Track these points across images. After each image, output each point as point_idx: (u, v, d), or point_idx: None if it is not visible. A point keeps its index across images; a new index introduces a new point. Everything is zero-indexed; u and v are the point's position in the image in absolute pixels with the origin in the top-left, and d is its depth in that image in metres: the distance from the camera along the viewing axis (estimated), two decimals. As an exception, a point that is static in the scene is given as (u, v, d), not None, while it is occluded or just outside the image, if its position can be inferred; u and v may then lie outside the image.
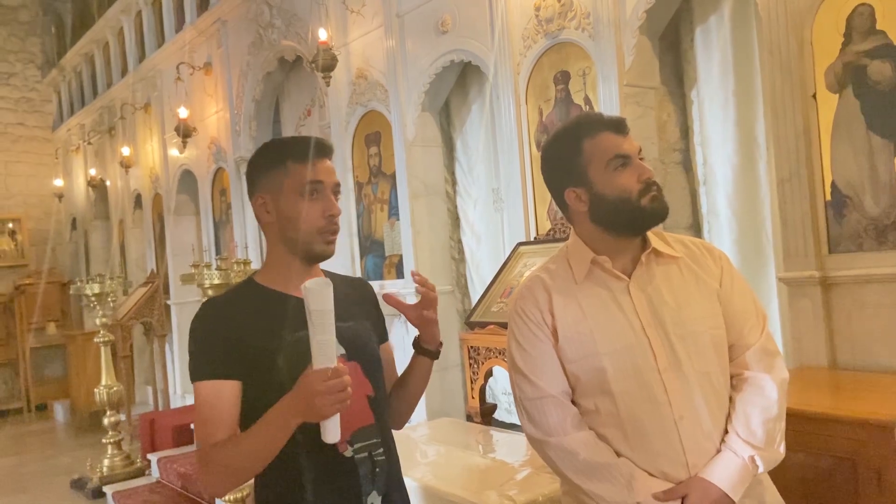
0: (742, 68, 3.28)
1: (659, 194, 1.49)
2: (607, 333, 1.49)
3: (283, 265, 1.47)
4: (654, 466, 1.45)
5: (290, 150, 1.46)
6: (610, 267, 1.52)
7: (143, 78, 7.61)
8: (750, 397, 1.49)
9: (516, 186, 3.76)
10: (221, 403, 1.37)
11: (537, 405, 1.51)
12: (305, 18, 5.10)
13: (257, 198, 1.47)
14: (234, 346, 1.38)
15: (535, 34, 3.61)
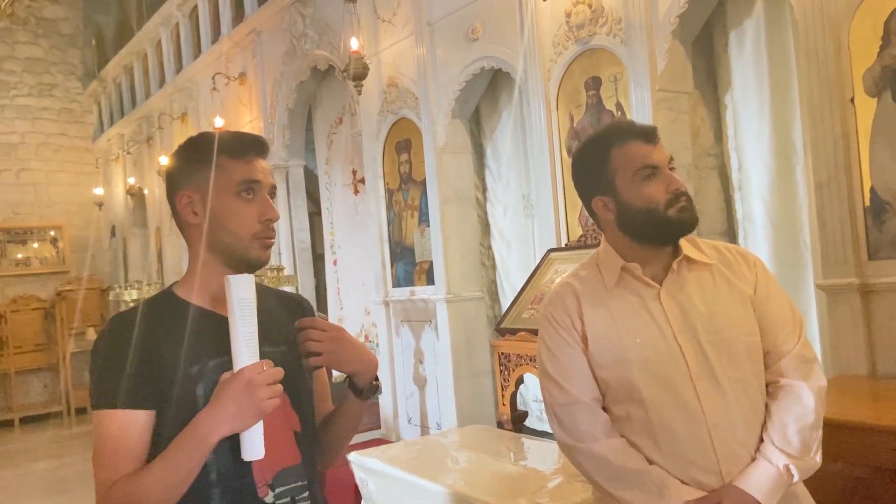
0: (777, 72, 3.23)
1: (688, 205, 1.48)
2: (637, 340, 1.48)
3: (208, 275, 1.28)
4: (686, 474, 1.44)
5: (224, 144, 1.28)
6: (640, 274, 1.52)
7: (180, 88, 7.76)
8: (786, 405, 1.47)
9: (547, 193, 3.75)
10: (129, 437, 1.17)
11: (568, 411, 1.51)
12: (338, 28, 5.16)
13: (182, 195, 1.28)
14: (147, 370, 1.19)
15: (565, 40, 3.60)
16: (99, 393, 1.21)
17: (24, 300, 9.71)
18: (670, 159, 1.51)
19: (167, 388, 1.19)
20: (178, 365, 1.20)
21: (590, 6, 3.45)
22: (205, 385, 1.20)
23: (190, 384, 1.20)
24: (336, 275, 6.04)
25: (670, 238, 1.51)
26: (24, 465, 6.90)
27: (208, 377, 1.21)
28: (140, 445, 1.18)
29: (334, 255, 6.07)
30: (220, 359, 1.22)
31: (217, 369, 1.21)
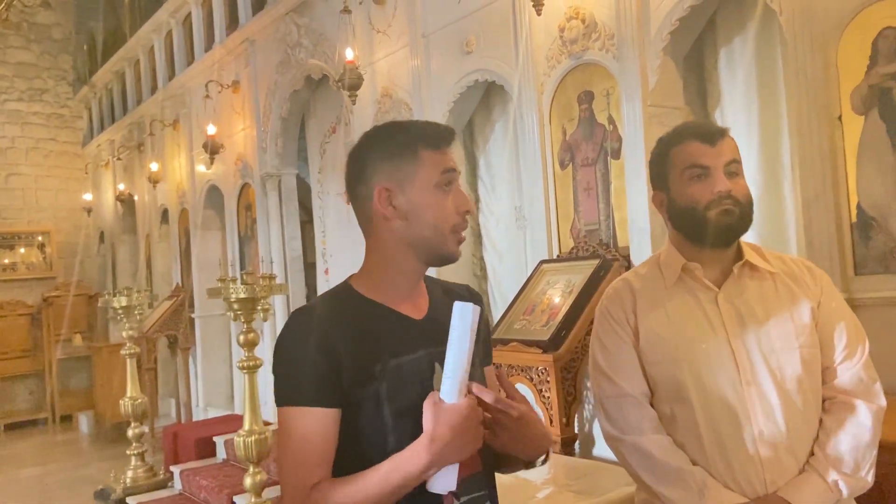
0: (766, 89, 3.28)
1: (733, 208, 1.46)
2: (690, 341, 1.49)
3: (394, 270, 1.24)
4: (730, 479, 1.44)
5: (423, 135, 1.23)
6: (700, 275, 1.52)
7: (173, 95, 7.76)
8: (841, 421, 1.46)
9: (539, 205, 3.78)
10: (320, 437, 1.15)
11: (616, 404, 1.53)
12: (332, 38, 5.19)
13: (380, 189, 1.21)
14: (333, 367, 1.15)
15: (559, 55, 3.65)
16: (287, 389, 1.17)
17: (11, 306, 9.63)
18: (730, 162, 1.48)
19: (351, 385, 1.15)
20: (362, 363, 1.16)
21: (583, 21, 3.50)
22: (387, 384, 1.17)
23: (373, 382, 1.16)
24: (328, 284, 6.04)
25: (711, 240, 1.49)
26: (8, 472, 6.84)
27: (389, 376, 1.17)
28: (330, 448, 1.16)
29: (326, 263, 6.07)
30: (401, 358, 1.19)
31: (397, 369, 1.18)
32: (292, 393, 1.16)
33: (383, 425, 1.16)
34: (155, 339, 7.22)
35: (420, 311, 1.27)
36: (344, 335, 1.17)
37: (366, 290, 1.25)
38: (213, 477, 4.71)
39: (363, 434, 1.16)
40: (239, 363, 3.37)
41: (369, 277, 1.26)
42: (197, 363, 7.42)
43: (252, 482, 3.44)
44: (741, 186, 1.49)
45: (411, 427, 1.16)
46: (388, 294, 1.24)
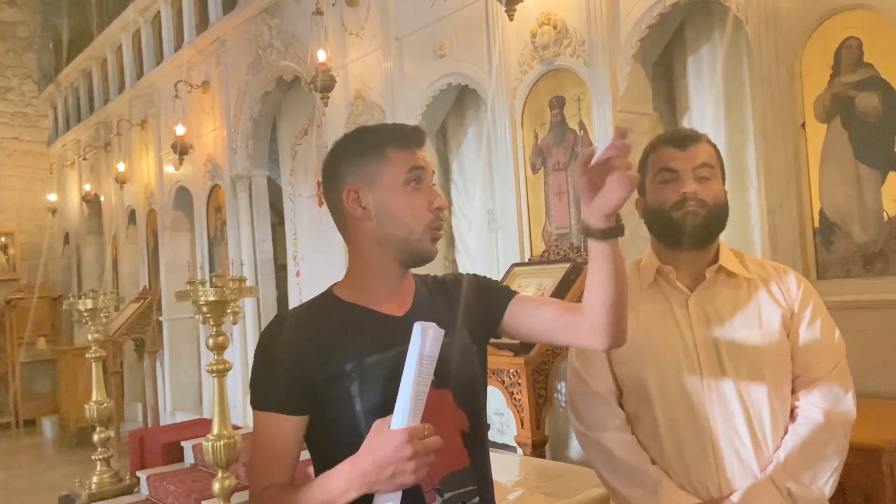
0: (733, 97, 3.35)
1: (699, 210, 1.48)
2: (657, 343, 1.51)
3: (375, 272, 1.24)
4: (686, 480, 1.47)
5: (390, 135, 1.24)
6: (674, 279, 1.54)
7: (141, 95, 7.65)
8: (804, 431, 1.46)
9: (511, 208, 3.81)
10: (281, 442, 1.19)
11: (584, 401, 1.58)
12: (304, 40, 5.17)
13: (347, 190, 1.22)
14: (300, 374, 1.17)
15: (531, 60, 3.68)
16: (259, 394, 1.21)
17: (-28, 308, 9.41)
18: (701, 166, 1.50)
19: (321, 387, 1.17)
20: (331, 363, 1.17)
21: (555, 27, 3.53)
22: (359, 382, 1.16)
23: (344, 381, 1.16)
24: (299, 286, 6.00)
25: (677, 241, 1.52)
26: (-32, 478, 6.67)
27: (364, 374, 1.17)
28: (293, 451, 1.20)
29: (297, 266, 6.03)
30: (376, 355, 1.18)
31: (374, 367, 1.17)
32: (261, 398, 1.21)
33: (358, 425, 1.15)
34: (121, 342, 7.10)
35: (402, 309, 1.27)
36: (311, 340, 1.19)
37: (345, 293, 1.26)
38: (180, 482, 4.64)
39: (338, 434, 1.17)
40: (208, 367, 3.33)
41: (351, 281, 1.27)
42: (165, 367, 7.32)
43: (221, 487, 3.40)
44: (710, 190, 1.50)
45: None
46: (368, 295, 1.24)
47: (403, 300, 1.28)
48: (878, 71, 2.57)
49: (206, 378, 6.40)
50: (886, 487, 1.98)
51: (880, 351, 2.50)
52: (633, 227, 3.34)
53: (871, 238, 2.60)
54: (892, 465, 2.00)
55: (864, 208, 2.60)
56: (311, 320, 1.22)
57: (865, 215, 2.60)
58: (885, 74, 2.55)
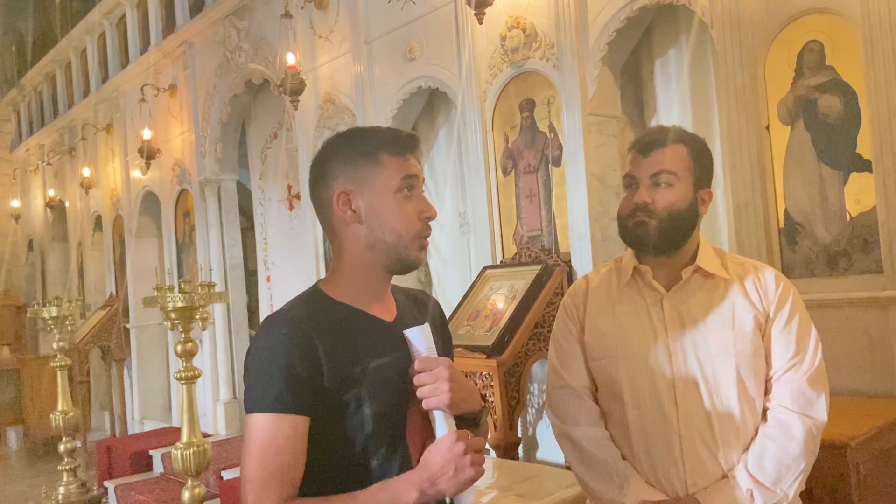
0: (699, 99, 3.40)
1: (648, 220, 1.49)
2: (630, 341, 1.53)
3: (361, 275, 1.24)
4: (653, 477, 1.49)
5: (384, 140, 1.23)
6: (650, 279, 1.55)
7: (106, 99, 7.53)
8: (772, 433, 1.47)
9: (483, 211, 3.81)
10: (292, 446, 1.12)
11: (559, 394, 1.60)
12: (273, 42, 5.13)
13: (339, 192, 1.21)
14: (313, 373, 1.13)
15: (500, 63, 3.69)
16: (259, 395, 1.14)
17: (-68, 317, 9.17)
18: (659, 172, 1.50)
19: (332, 389, 1.14)
20: (343, 366, 1.15)
21: (524, 31, 3.55)
22: (367, 386, 1.16)
23: (354, 385, 1.15)
24: (269, 291, 5.95)
25: (636, 248, 1.55)
26: (-72, 493, 6.48)
27: (370, 378, 1.16)
28: (300, 455, 1.13)
29: (268, 271, 5.98)
30: (379, 360, 1.18)
31: (379, 370, 1.17)
32: (267, 399, 1.13)
33: (364, 429, 1.15)
34: (87, 350, 6.96)
35: (391, 314, 1.28)
36: (323, 338, 1.15)
37: (336, 293, 1.23)
38: (149, 492, 4.58)
39: (343, 438, 1.15)
40: (176, 374, 3.27)
41: (338, 281, 1.25)
42: (132, 374, 7.20)
43: (191, 496, 3.35)
44: (664, 198, 1.49)
45: (391, 430, 1.18)
46: (358, 297, 1.23)
47: (389, 306, 1.29)
48: (839, 74, 2.62)
49: (174, 385, 6.30)
50: (852, 483, 2.01)
51: (843, 349, 2.55)
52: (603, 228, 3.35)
53: (835, 238, 2.65)
54: (858, 462, 2.03)
55: (827, 208, 2.66)
56: (315, 320, 1.17)
57: (829, 215, 2.65)
58: (847, 77, 2.60)
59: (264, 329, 1.19)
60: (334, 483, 1.15)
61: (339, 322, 1.19)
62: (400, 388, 1.20)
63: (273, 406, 1.12)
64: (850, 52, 2.59)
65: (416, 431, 1.22)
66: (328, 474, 1.16)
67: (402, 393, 1.20)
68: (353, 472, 1.17)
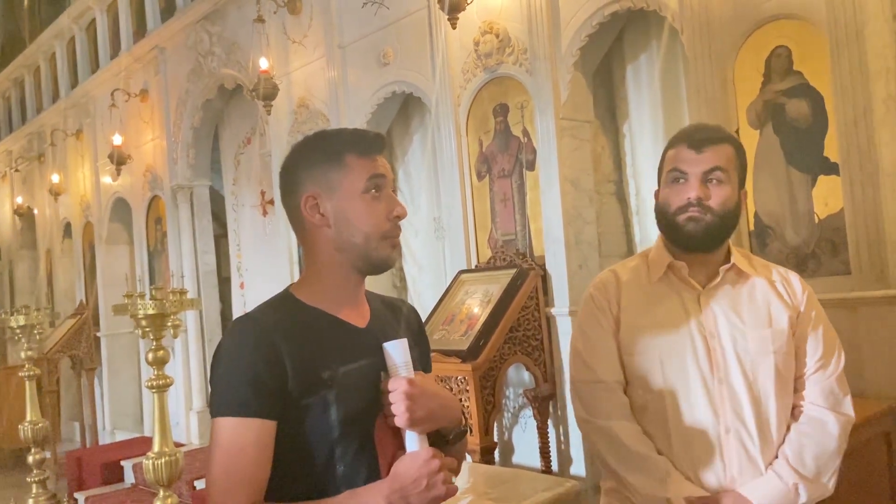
0: (670, 104, 3.44)
1: (701, 216, 1.49)
2: (668, 336, 1.53)
3: (334, 278, 1.23)
4: (692, 472, 1.48)
5: (349, 141, 1.24)
6: (685, 274, 1.55)
7: (76, 104, 7.42)
8: (808, 429, 1.51)
9: (457, 216, 3.82)
10: (257, 450, 1.10)
11: (590, 388, 1.57)
12: (246, 47, 5.10)
13: (306, 197, 1.22)
14: (280, 377, 1.12)
15: (474, 68, 3.71)
16: (225, 399, 1.11)
17: None
18: (713, 169, 1.50)
19: (299, 393, 1.13)
20: (310, 370, 1.14)
21: (497, 36, 3.57)
22: (335, 391, 1.15)
23: (322, 390, 1.14)
24: (243, 298, 5.89)
25: (681, 245, 1.54)
26: None
27: (339, 383, 1.16)
28: (265, 459, 1.11)
29: (241, 278, 5.92)
30: (349, 365, 1.18)
31: (347, 376, 1.17)
32: (232, 403, 1.11)
33: (330, 434, 1.14)
34: (57, 359, 6.83)
35: (363, 320, 1.27)
36: (290, 343, 1.15)
37: (307, 297, 1.23)
38: (120, 503, 4.49)
39: (309, 443, 1.14)
40: (148, 382, 3.22)
41: (309, 285, 1.25)
42: (103, 384, 7.08)
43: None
44: (719, 195, 1.51)
45: (358, 438, 1.17)
46: (330, 301, 1.23)
47: (362, 311, 1.28)
48: (806, 79, 2.67)
49: (146, 395, 6.21)
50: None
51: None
52: (577, 232, 3.36)
53: (804, 240, 2.69)
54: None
55: (795, 211, 2.70)
56: (283, 324, 1.17)
57: (797, 218, 2.69)
58: (814, 82, 2.65)
59: (231, 332, 1.18)
60: (299, 488, 1.14)
61: (308, 326, 1.19)
62: (370, 395, 1.19)
63: (238, 410, 1.11)
64: (817, 57, 2.64)
65: (385, 440, 1.20)
66: (293, 479, 1.15)
67: (372, 400, 1.19)
68: (319, 477, 1.16)
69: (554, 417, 3.43)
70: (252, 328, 1.16)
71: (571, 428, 3.35)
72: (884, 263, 2.48)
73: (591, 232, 3.46)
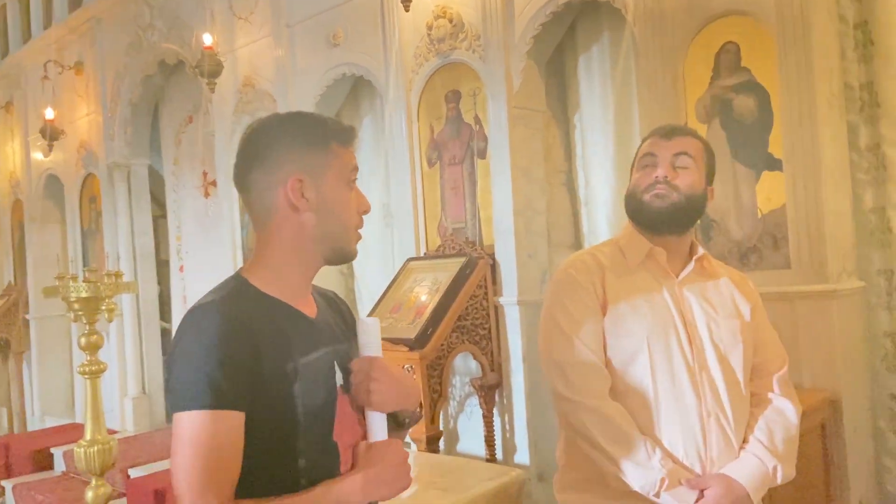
0: (620, 96, 3.45)
1: (667, 193, 1.55)
2: (651, 321, 1.56)
3: (294, 265, 1.19)
4: (677, 453, 1.51)
5: (332, 128, 1.20)
6: (664, 261, 1.60)
7: (6, 75, 7.07)
8: (773, 416, 1.59)
9: (407, 202, 3.77)
10: (232, 443, 1.06)
11: (578, 369, 1.55)
12: (189, 22, 4.91)
13: (293, 179, 1.16)
14: (248, 367, 1.08)
15: (427, 52, 3.65)
16: (191, 392, 1.05)
17: None
18: (680, 154, 1.59)
19: (266, 385, 1.09)
20: (277, 361, 1.11)
21: (450, 21, 3.52)
22: (300, 384, 1.12)
23: (286, 382, 1.11)
24: (183, 282, 5.72)
25: (646, 223, 1.59)
26: None
27: (302, 374, 1.13)
28: (238, 453, 1.07)
29: (181, 261, 5.74)
30: (309, 356, 1.15)
31: (309, 367, 1.14)
32: (204, 395, 1.04)
33: (295, 427, 1.11)
34: (-18, 343, 6.55)
35: (313, 310, 1.24)
36: (259, 333, 1.10)
37: (263, 285, 1.17)
38: (50, 491, 4.34)
39: (273, 436, 1.10)
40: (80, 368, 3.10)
41: (265, 273, 1.19)
42: (32, 368, 6.80)
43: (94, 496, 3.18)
44: (685, 178, 1.58)
45: (321, 428, 1.15)
46: (286, 291, 1.19)
47: (311, 301, 1.26)
48: (754, 75, 2.71)
49: (78, 380, 5.98)
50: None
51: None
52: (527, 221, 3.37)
53: (747, 234, 2.74)
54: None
55: (740, 206, 2.75)
56: (246, 313, 1.11)
57: (741, 212, 2.74)
58: (761, 79, 2.69)
59: (194, 322, 1.10)
60: (260, 482, 1.10)
61: (272, 316, 1.15)
62: (328, 385, 1.18)
63: (211, 402, 1.04)
64: (765, 54, 2.68)
65: (344, 429, 1.19)
66: (258, 472, 1.10)
67: (330, 390, 1.18)
68: (281, 471, 1.13)
69: (500, 406, 3.43)
70: (221, 315, 1.08)
71: (517, 416, 3.36)
72: (823, 259, 2.55)
73: (540, 222, 3.47)
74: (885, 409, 2.73)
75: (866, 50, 2.76)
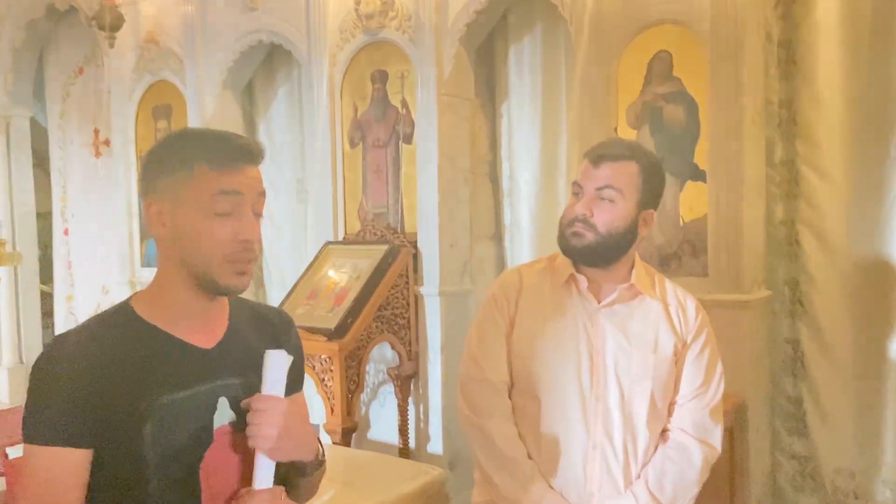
0: (549, 89, 3.45)
1: (584, 232, 1.52)
2: (556, 345, 1.54)
3: (177, 294, 1.13)
4: (555, 481, 1.51)
5: (203, 148, 1.11)
6: (584, 288, 1.57)
7: None
8: (673, 455, 1.55)
9: (326, 181, 3.62)
10: (68, 481, 1.04)
11: (475, 386, 1.58)
12: (84, -35, 4.46)
13: (151, 204, 1.12)
14: (92, 403, 1.04)
15: (353, 28, 3.49)
16: (34, 426, 1.05)
17: None
18: (604, 187, 1.52)
19: (110, 424, 1.05)
20: (125, 399, 1.06)
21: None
22: (152, 424, 1.07)
23: (136, 422, 1.06)
24: (68, 246, 5.30)
25: (568, 256, 1.58)
26: None
27: (157, 415, 1.07)
28: (78, 491, 1.06)
29: (66, 223, 5.31)
30: (174, 394, 1.08)
31: (167, 407, 1.08)
32: (41, 429, 1.04)
33: (144, 468, 1.06)
34: None
35: (212, 339, 1.16)
36: (110, 368, 1.06)
37: (147, 313, 1.14)
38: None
39: (119, 475, 1.07)
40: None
41: (152, 299, 1.16)
42: None
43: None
44: (605, 215, 1.52)
45: (178, 473, 1.09)
46: (170, 318, 1.14)
47: (213, 329, 1.18)
48: (684, 85, 2.76)
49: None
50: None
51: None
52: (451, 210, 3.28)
53: (668, 240, 2.82)
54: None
55: (663, 213, 2.81)
56: (102, 341, 1.08)
57: (664, 219, 2.81)
58: (690, 89, 2.75)
59: (49, 354, 1.09)
60: None
61: (135, 348, 1.10)
62: (201, 424, 1.11)
63: (50, 438, 1.04)
64: (695, 64, 2.74)
65: (215, 473, 1.12)
66: None
67: (202, 430, 1.11)
68: None
69: (415, 395, 3.41)
70: (69, 352, 1.07)
71: (432, 406, 3.35)
72: (739, 269, 2.66)
73: (464, 212, 3.43)
74: (781, 410, 2.92)
75: (788, 68, 2.87)
